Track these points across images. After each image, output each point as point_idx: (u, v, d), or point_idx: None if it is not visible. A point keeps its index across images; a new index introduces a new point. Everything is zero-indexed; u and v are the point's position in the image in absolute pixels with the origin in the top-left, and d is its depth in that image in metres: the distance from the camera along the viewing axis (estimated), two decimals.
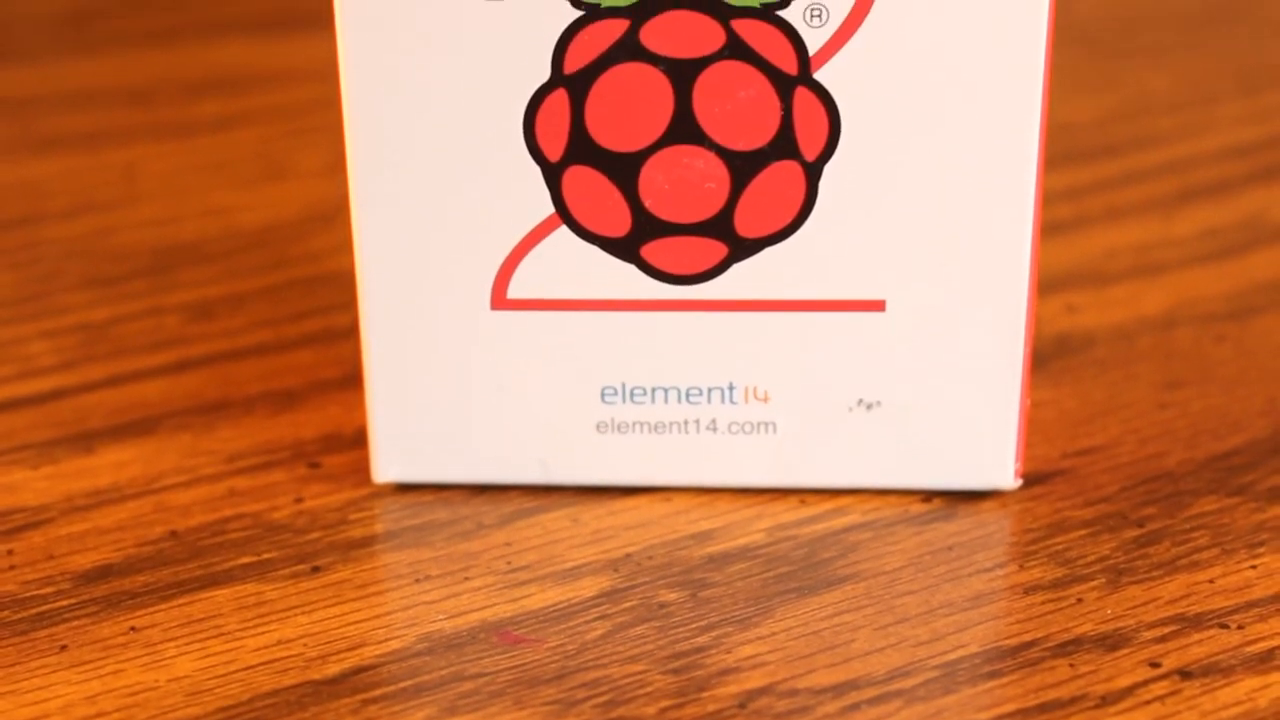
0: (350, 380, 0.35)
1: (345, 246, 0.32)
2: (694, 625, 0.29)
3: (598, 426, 0.31)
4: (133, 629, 0.29)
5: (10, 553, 0.31)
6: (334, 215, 0.42)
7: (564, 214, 0.30)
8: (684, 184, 0.29)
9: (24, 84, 0.52)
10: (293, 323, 0.38)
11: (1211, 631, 0.28)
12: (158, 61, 0.53)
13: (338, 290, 0.39)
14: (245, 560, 0.30)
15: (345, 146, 0.29)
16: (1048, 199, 0.41)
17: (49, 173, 0.46)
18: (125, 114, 0.50)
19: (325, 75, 0.33)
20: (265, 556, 0.30)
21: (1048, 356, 0.36)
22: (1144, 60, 0.52)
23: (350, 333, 0.36)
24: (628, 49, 0.28)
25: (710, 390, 0.31)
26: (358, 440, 0.33)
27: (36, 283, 0.40)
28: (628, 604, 0.29)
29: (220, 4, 0.58)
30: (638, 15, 0.28)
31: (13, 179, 0.45)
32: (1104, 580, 0.29)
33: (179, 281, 0.40)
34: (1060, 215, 0.42)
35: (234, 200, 0.44)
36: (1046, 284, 0.38)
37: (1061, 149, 0.45)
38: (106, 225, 0.43)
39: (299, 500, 0.32)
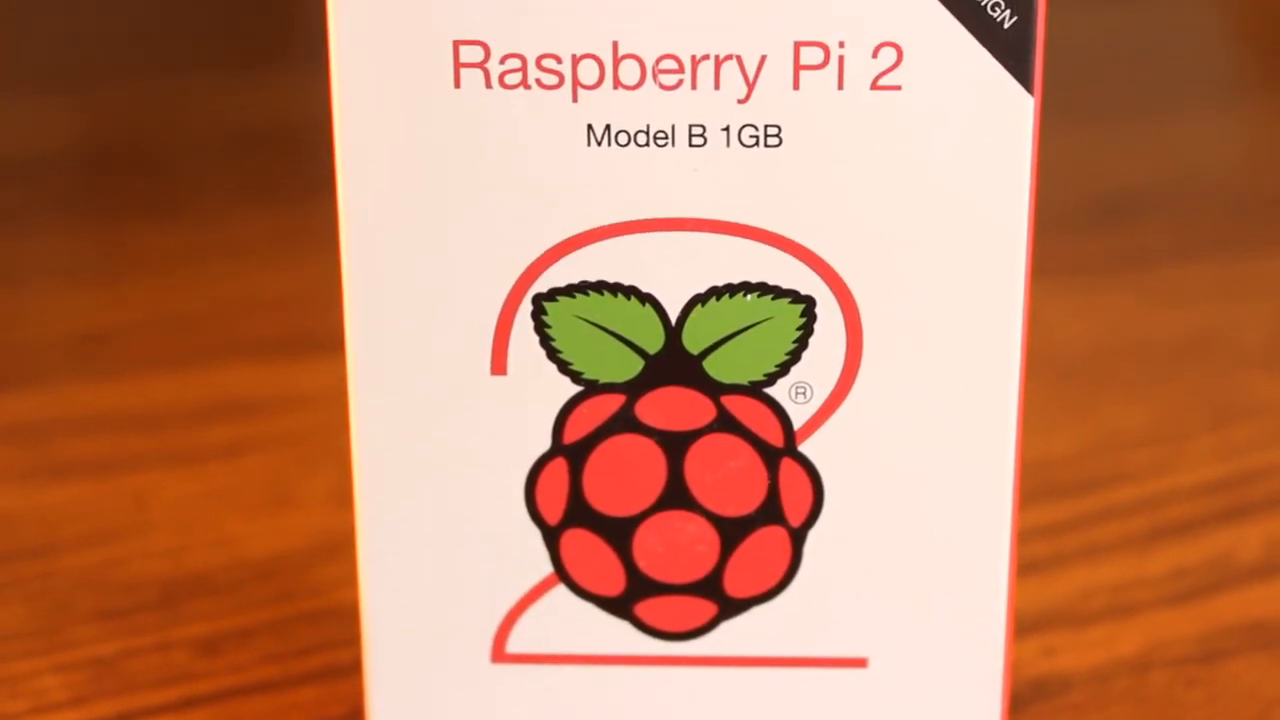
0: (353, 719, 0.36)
1: (350, 579, 0.33)
2: None
3: None
4: None
5: None
6: (340, 546, 0.44)
7: (562, 573, 0.31)
8: (676, 547, 0.31)
9: (36, 409, 0.53)
10: (298, 658, 0.39)
11: None
12: (168, 386, 0.54)
13: (342, 625, 0.40)
14: None
15: (355, 507, 0.31)
16: (1024, 536, 0.43)
17: (61, 500, 0.47)
18: (136, 440, 0.51)
19: (334, 400, 0.35)
20: None
21: (1026, 700, 0.37)
22: (1118, 393, 0.53)
23: (353, 669, 0.37)
24: (624, 421, 0.30)
25: None
26: None
27: (48, 615, 0.41)
28: None
29: (229, 328, 0.59)
30: (633, 391, 0.30)
31: (26, 507, 0.47)
32: None
33: (187, 614, 0.41)
34: (1037, 553, 0.43)
35: (242, 529, 0.45)
36: (1025, 624, 0.40)
37: (1037, 485, 0.46)
38: (117, 555, 0.44)
39: None
